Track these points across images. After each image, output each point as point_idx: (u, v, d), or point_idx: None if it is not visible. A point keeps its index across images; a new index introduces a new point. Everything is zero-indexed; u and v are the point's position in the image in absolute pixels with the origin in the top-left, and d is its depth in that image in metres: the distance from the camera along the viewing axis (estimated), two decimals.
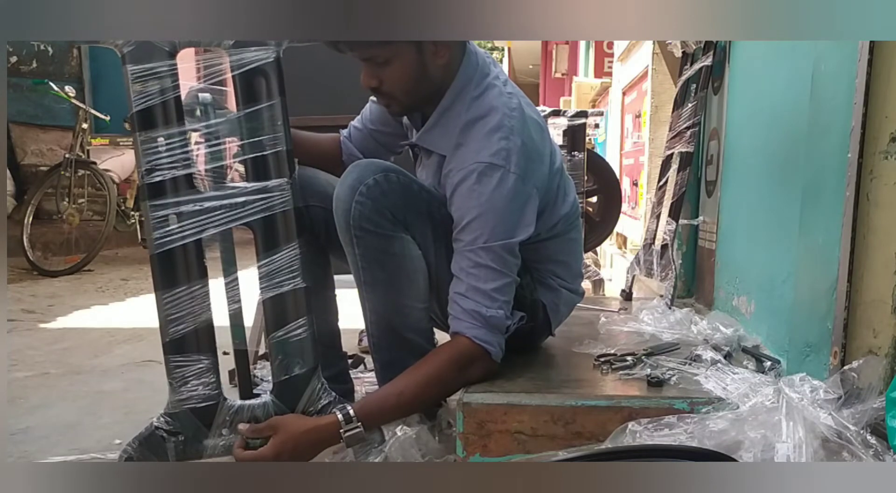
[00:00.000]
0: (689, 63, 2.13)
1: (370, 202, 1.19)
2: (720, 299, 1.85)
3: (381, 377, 1.31)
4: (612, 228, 3.07)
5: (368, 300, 1.27)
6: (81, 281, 4.02)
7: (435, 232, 1.26)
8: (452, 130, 1.24)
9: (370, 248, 1.21)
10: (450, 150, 1.25)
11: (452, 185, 1.22)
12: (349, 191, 1.20)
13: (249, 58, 1.10)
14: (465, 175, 1.19)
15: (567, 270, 1.43)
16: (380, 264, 1.23)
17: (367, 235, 1.20)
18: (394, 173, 1.22)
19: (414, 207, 1.23)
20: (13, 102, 5.40)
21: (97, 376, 2.08)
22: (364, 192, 1.19)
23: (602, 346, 1.44)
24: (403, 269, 1.24)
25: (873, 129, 1.06)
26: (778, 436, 0.96)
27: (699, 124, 2.01)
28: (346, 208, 1.20)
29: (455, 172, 1.22)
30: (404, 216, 1.22)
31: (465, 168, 1.20)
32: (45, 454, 1.45)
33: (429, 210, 1.25)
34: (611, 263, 4.22)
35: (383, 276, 1.23)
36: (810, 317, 1.21)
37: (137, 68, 1.07)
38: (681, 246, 2.12)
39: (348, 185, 1.20)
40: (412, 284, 1.26)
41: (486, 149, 1.19)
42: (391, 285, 1.25)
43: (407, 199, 1.22)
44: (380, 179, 1.20)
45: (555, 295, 1.41)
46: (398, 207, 1.21)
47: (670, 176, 2.13)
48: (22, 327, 2.80)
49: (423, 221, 1.24)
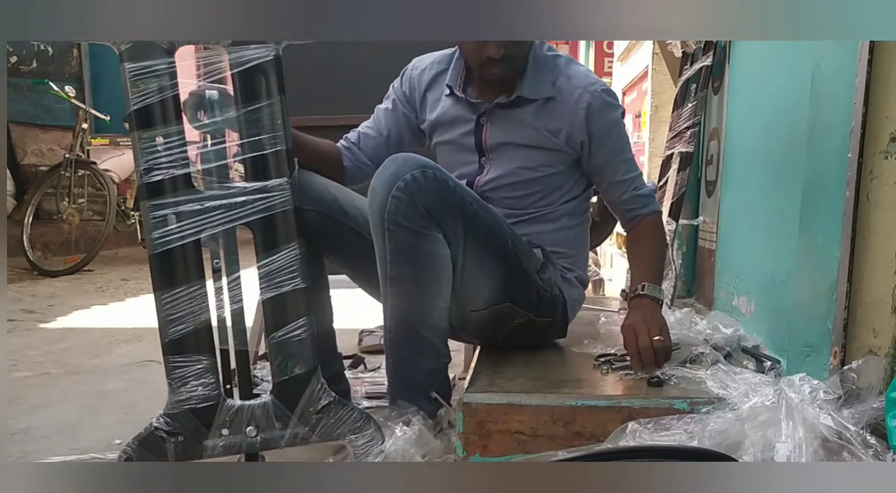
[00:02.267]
0: (689, 63, 2.12)
1: (406, 198, 1.19)
2: (720, 299, 1.85)
3: (393, 374, 1.31)
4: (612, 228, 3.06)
5: (391, 295, 1.26)
6: (81, 281, 4.03)
7: (465, 231, 1.27)
8: (547, 76, 1.40)
9: (401, 243, 1.21)
10: (551, 90, 1.39)
11: (584, 103, 1.38)
12: (386, 185, 1.20)
13: (249, 56, 1.10)
14: (596, 94, 1.39)
15: (581, 262, 1.52)
16: (408, 260, 1.23)
17: (399, 229, 1.20)
18: (431, 170, 1.22)
19: (449, 205, 1.24)
20: (13, 102, 5.41)
21: (97, 376, 2.09)
22: (402, 187, 1.19)
23: (602, 346, 1.44)
24: (431, 267, 1.25)
25: (873, 129, 1.06)
26: (778, 436, 0.96)
27: (699, 124, 2.01)
28: (381, 202, 1.20)
29: (583, 91, 1.38)
30: (439, 214, 1.23)
31: (591, 90, 1.39)
32: (45, 454, 1.45)
33: (462, 209, 1.27)
34: (611, 263, 4.21)
35: (410, 272, 1.24)
36: (810, 317, 1.21)
37: (135, 66, 1.07)
38: (681, 246, 2.12)
39: (385, 179, 1.21)
40: (437, 282, 1.26)
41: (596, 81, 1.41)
42: (417, 281, 1.25)
43: (442, 196, 1.23)
44: (418, 175, 1.20)
45: (573, 290, 1.47)
46: (433, 205, 1.22)
47: (670, 176, 2.13)
48: (22, 327, 2.80)
49: (455, 220, 1.25)
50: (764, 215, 1.55)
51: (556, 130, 1.40)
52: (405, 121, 1.54)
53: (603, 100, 1.39)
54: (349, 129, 1.58)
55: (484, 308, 1.35)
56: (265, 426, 1.16)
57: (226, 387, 1.18)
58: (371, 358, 2.08)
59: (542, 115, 1.40)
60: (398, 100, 1.54)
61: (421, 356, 1.28)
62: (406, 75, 1.55)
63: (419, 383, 1.29)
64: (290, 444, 1.17)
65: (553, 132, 1.40)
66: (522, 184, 1.43)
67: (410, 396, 1.27)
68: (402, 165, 1.22)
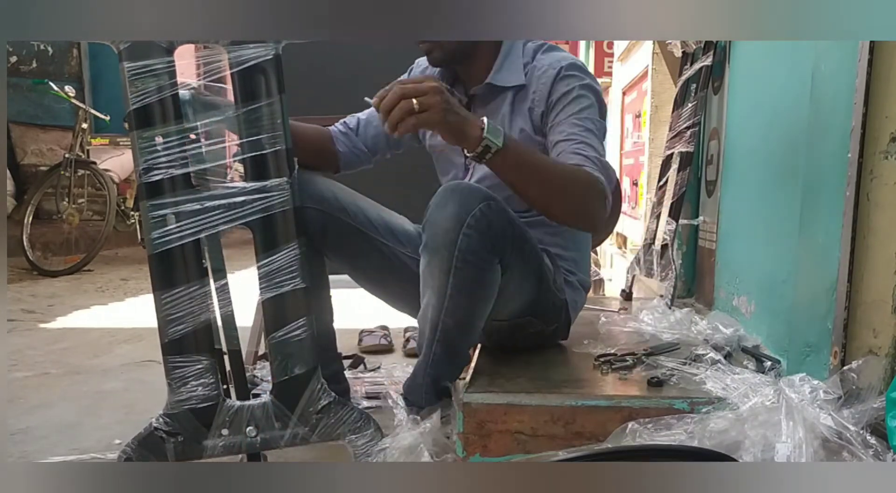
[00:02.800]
0: (689, 63, 2.12)
1: (477, 235, 1.17)
2: (720, 299, 1.85)
3: (424, 396, 1.29)
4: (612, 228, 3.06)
5: (443, 322, 1.24)
6: (81, 281, 4.02)
7: (516, 256, 1.26)
8: (518, 63, 1.37)
9: (467, 279, 1.20)
10: (522, 77, 1.36)
11: (549, 77, 1.32)
12: (454, 221, 1.17)
13: (249, 55, 1.09)
14: (562, 67, 1.33)
15: (583, 264, 1.50)
16: (469, 294, 1.22)
17: (467, 266, 1.18)
18: (493, 201, 1.20)
19: (511, 236, 1.23)
20: (13, 102, 5.41)
21: (97, 376, 2.08)
22: (472, 224, 1.16)
23: (602, 346, 1.45)
24: (488, 297, 1.25)
25: (873, 129, 1.06)
26: (778, 436, 0.96)
27: (699, 124, 2.01)
28: (451, 239, 1.17)
29: (549, 68, 1.33)
30: (501, 246, 1.22)
31: (557, 66, 1.33)
32: (45, 454, 1.45)
33: (518, 237, 1.26)
34: (611, 263, 4.21)
35: (468, 303, 1.23)
36: (810, 317, 1.21)
37: (134, 65, 1.07)
38: (681, 246, 2.11)
39: (453, 214, 1.17)
40: (486, 309, 1.27)
41: (565, 57, 1.36)
42: (472, 311, 1.25)
43: (505, 228, 1.22)
44: (485, 210, 1.18)
45: (575, 293, 1.46)
46: (499, 238, 1.20)
47: (670, 176, 2.13)
48: (22, 327, 2.80)
49: (512, 249, 1.24)
50: (764, 215, 1.55)
51: (531, 115, 1.36)
52: (387, 138, 1.51)
53: (567, 71, 1.33)
54: None
55: (506, 320, 1.37)
56: (265, 426, 1.16)
57: (225, 387, 1.18)
58: (371, 358, 2.08)
59: (517, 104, 1.38)
60: None
61: (456, 370, 1.31)
62: (411, 74, 1.53)
63: (445, 391, 1.31)
64: (289, 444, 1.17)
65: (530, 119, 1.37)
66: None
67: (435, 400, 1.28)
68: (467, 198, 1.19)
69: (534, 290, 1.34)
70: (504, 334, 1.42)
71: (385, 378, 1.85)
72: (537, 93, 1.35)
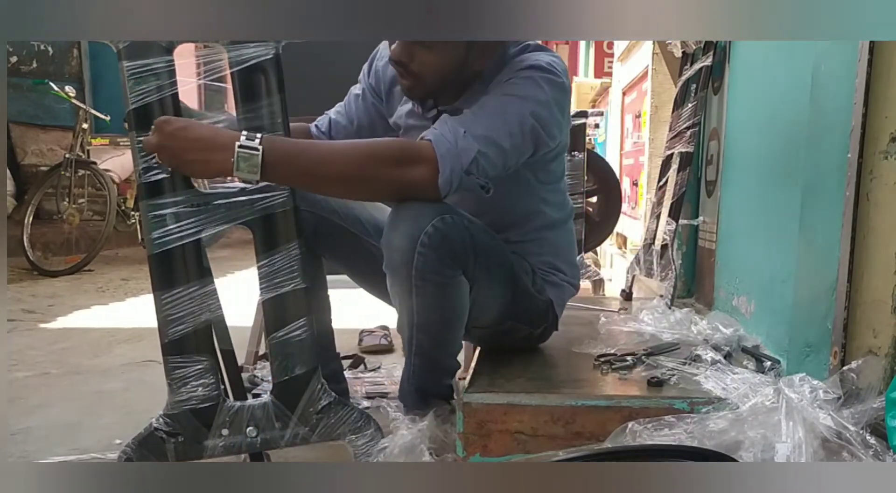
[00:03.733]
0: (689, 63, 2.12)
1: (433, 253, 1.14)
2: (720, 299, 1.85)
3: (413, 403, 1.32)
4: (612, 228, 3.06)
5: (416, 338, 1.25)
6: (81, 281, 4.02)
7: (482, 266, 1.23)
8: (501, 76, 1.24)
9: (430, 296, 1.18)
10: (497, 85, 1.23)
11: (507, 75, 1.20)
12: (408, 240, 1.14)
13: (248, 54, 1.09)
14: (520, 68, 1.20)
15: (568, 264, 1.46)
16: (436, 309, 1.20)
17: (427, 284, 1.16)
18: (449, 215, 1.16)
19: (471, 247, 1.20)
20: (13, 102, 5.40)
21: (97, 376, 2.08)
22: (426, 242, 1.13)
23: (602, 346, 1.44)
24: (457, 309, 1.23)
25: (873, 129, 1.06)
26: (778, 436, 0.96)
27: (699, 124, 2.01)
28: (407, 260, 1.14)
29: (509, 70, 1.21)
30: (463, 258, 1.19)
31: (519, 66, 1.21)
32: (45, 454, 1.45)
33: (481, 246, 1.22)
34: (611, 263, 4.21)
35: (437, 318, 1.22)
36: (810, 317, 1.21)
37: (133, 64, 1.06)
38: (681, 246, 2.11)
39: (406, 233, 1.14)
40: (461, 318, 1.25)
41: (537, 58, 1.22)
42: (442, 325, 1.24)
43: (464, 241, 1.18)
44: (438, 225, 1.14)
45: (560, 290, 1.44)
46: (458, 252, 1.17)
47: (670, 176, 2.13)
48: (22, 327, 2.80)
49: (476, 259, 1.21)
50: (764, 215, 1.55)
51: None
52: (375, 110, 1.47)
53: (523, 66, 1.21)
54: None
55: (487, 327, 1.36)
56: (265, 427, 1.16)
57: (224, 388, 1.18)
58: (371, 358, 2.08)
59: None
60: (367, 89, 1.47)
61: (443, 377, 1.32)
62: (373, 66, 1.47)
63: (436, 395, 1.32)
64: (290, 444, 1.17)
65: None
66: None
67: (426, 406, 1.29)
68: (420, 216, 1.15)
69: (509, 296, 1.31)
70: (490, 339, 1.42)
71: (385, 378, 1.85)
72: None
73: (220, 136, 1.05)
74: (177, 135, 1.03)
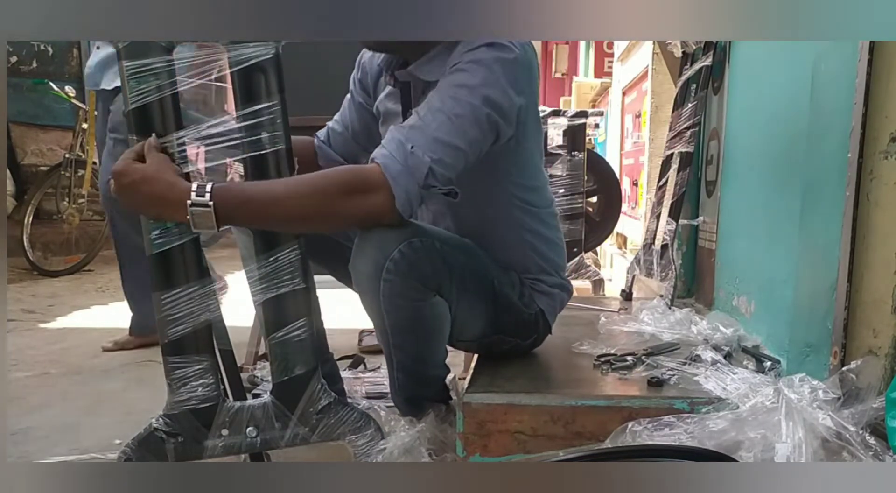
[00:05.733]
0: (689, 63, 2.12)
1: (399, 279, 1.12)
2: (720, 299, 1.85)
3: (405, 410, 1.31)
4: (612, 228, 3.06)
5: (395, 356, 1.24)
6: (81, 281, 4.03)
7: (458, 284, 1.21)
8: (445, 58, 1.18)
9: (402, 319, 1.17)
10: (444, 73, 1.16)
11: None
12: (374, 267, 1.12)
13: (248, 54, 1.09)
14: (473, 48, 1.13)
15: (558, 268, 1.42)
16: (411, 330, 1.20)
17: (397, 309, 1.15)
18: (416, 239, 1.13)
19: (441, 268, 1.17)
20: (13, 102, 5.39)
21: (97, 376, 2.09)
22: (392, 269, 1.11)
23: (602, 346, 1.44)
24: (434, 328, 1.22)
25: (873, 129, 1.06)
26: (778, 436, 0.96)
27: (699, 124, 2.01)
28: (374, 287, 1.13)
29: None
30: (434, 280, 1.16)
31: (472, 45, 1.13)
32: (45, 454, 1.45)
33: (454, 265, 1.20)
34: (611, 263, 4.21)
35: (413, 339, 1.21)
36: (810, 317, 1.21)
37: (133, 64, 1.06)
38: (681, 246, 2.11)
39: (371, 259, 1.13)
40: (440, 336, 1.25)
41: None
42: (420, 343, 1.23)
43: (434, 263, 1.15)
44: (405, 250, 1.11)
45: (550, 299, 1.41)
46: (427, 275, 1.14)
47: (670, 176, 2.13)
48: (22, 327, 2.80)
49: (450, 278, 1.19)
50: (764, 215, 1.55)
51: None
52: (366, 111, 1.45)
53: (471, 47, 1.14)
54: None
55: (473, 341, 1.36)
56: (265, 427, 1.16)
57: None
58: (371, 358, 2.08)
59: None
60: (355, 90, 1.47)
61: (430, 385, 1.31)
62: (360, 63, 1.45)
63: (429, 399, 1.32)
64: (290, 444, 1.17)
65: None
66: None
67: (420, 410, 1.28)
68: (385, 242, 1.12)
69: (492, 312, 1.29)
70: (477, 349, 1.42)
71: (385, 378, 1.84)
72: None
73: (174, 192, 1.02)
74: (134, 189, 1.04)
